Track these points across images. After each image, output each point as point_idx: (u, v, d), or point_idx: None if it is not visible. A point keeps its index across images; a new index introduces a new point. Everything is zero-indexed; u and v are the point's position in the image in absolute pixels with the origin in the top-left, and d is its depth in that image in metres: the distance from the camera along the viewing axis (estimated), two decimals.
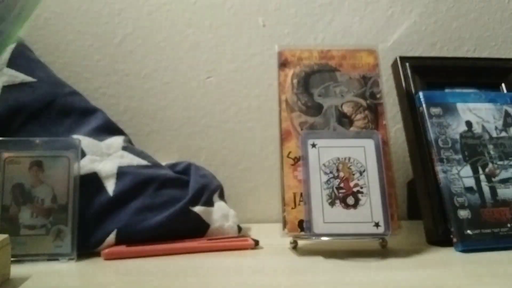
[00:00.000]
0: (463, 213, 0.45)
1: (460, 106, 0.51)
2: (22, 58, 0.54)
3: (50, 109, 0.52)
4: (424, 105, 0.51)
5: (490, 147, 0.50)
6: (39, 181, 0.44)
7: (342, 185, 0.44)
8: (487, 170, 0.48)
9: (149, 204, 0.48)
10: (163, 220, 0.47)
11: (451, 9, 0.75)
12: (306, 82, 0.49)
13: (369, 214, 0.42)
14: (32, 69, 0.53)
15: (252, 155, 0.70)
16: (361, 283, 0.34)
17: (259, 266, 0.40)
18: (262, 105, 0.71)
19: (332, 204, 0.43)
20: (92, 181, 0.47)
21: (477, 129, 0.50)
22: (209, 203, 0.51)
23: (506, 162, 0.49)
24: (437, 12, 0.75)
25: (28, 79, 0.52)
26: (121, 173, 0.49)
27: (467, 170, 0.48)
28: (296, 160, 0.46)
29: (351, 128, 0.48)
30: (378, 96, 0.49)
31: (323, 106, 0.48)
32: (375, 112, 0.49)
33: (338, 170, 0.44)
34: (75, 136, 0.49)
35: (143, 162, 0.52)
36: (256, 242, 0.47)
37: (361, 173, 0.44)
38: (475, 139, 0.50)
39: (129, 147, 0.53)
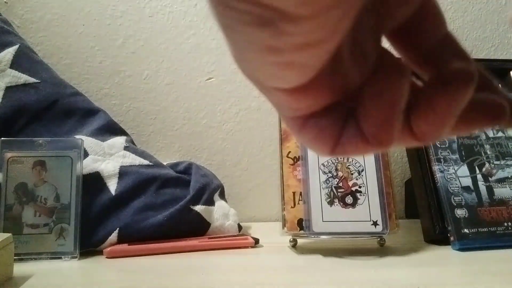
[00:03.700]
0: (460, 212, 0.45)
1: None
2: (25, 59, 0.54)
3: (53, 109, 0.52)
4: None
5: (487, 147, 0.50)
6: (42, 181, 0.45)
7: (340, 184, 0.44)
8: (484, 169, 0.49)
9: (150, 203, 0.48)
10: (164, 219, 0.47)
11: (448, 11, 0.76)
12: None
13: (367, 213, 0.43)
14: (35, 70, 0.54)
15: (252, 155, 0.70)
16: (360, 281, 0.34)
17: (259, 264, 0.41)
18: (261, 105, 0.71)
19: (331, 203, 0.43)
20: (94, 181, 0.47)
21: None
22: (210, 202, 0.52)
23: (503, 162, 0.49)
24: None
25: (31, 80, 0.53)
26: (123, 172, 0.49)
27: (464, 170, 0.48)
28: (296, 160, 0.46)
29: None
30: None
31: None
32: None
33: (337, 170, 0.45)
34: (78, 136, 0.50)
35: (145, 162, 0.52)
36: (256, 241, 0.47)
37: (359, 172, 0.45)
38: (472, 139, 0.50)
39: (131, 147, 0.54)
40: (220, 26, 0.11)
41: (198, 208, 0.50)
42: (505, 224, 0.45)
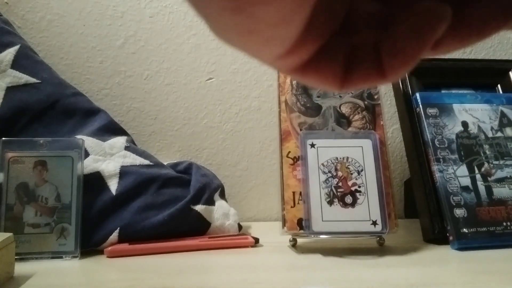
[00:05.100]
0: (459, 212, 0.46)
1: (456, 106, 0.52)
2: (26, 60, 0.54)
3: (54, 109, 0.53)
4: (420, 106, 0.52)
5: (486, 147, 0.50)
6: (43, 181, 0.45)
7: (340, 184, 0.44)
8: (483, 169, 0.49)
9: (151, 203, 0.48)
10: (165, 218, 0.47)
11: None
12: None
13: (366, 212, 0.43)
14: (36, 70, 0.54)
15: (252, 155, 0.71)
16: (359, 280, 0.34)
17: (259, 263, 0.41)
18: (262, 106, 0.71)
19: (330, 203, 0.43)
20: (95, 181, 0.47)
21: (473, 129, 0.51)
22: (210, 202, 0.52)
23: (502, 162, 0.50)
24: None
25: (32, 80, 0.53)
26: (124, 172, 0.49)
27: (463, 170, 0.48)
28: (296, 159, 0.47)
29: (349, 129, 0.48)
30: (375, 97, 0.50)
31: (321, 107, 0.49)
32: (372, 112, 0.49)
33: (336, 170, 0.45)
34: (78, 136, 0.50)
35: (145, 161, 0.52)
36: (256, 240, 0.48)
37: (359, 172, 0.45)
38: (471, 139, 0.50)
39: (131, 147, 0.54)
40: (200, 15, 0.12)
41: (199, 207, 0.50)
42: (504, 223, 0.46)
